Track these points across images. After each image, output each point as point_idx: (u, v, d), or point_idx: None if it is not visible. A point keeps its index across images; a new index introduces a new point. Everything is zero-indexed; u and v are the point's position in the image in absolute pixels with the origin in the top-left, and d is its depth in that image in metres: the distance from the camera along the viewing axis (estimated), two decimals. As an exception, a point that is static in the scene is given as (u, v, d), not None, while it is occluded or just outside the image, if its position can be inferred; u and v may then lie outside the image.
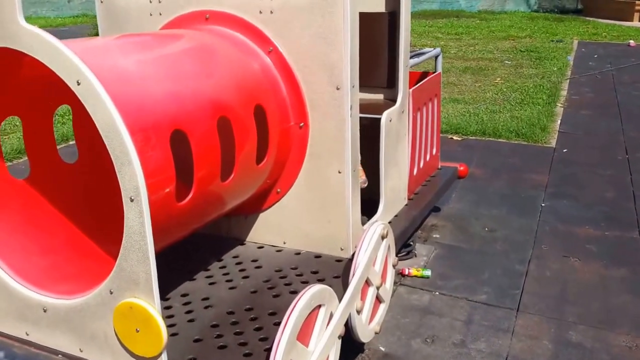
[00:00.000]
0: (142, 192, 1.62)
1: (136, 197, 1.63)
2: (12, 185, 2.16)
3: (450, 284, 3.22)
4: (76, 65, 1.59)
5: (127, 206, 1.65)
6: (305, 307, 1.87)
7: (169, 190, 1.85)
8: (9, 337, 2.04)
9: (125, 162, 1.61)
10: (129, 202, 1.64)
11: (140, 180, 1.61)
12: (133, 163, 1.60)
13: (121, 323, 1.77)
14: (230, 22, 2.48)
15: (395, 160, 3.00)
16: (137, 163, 1.60)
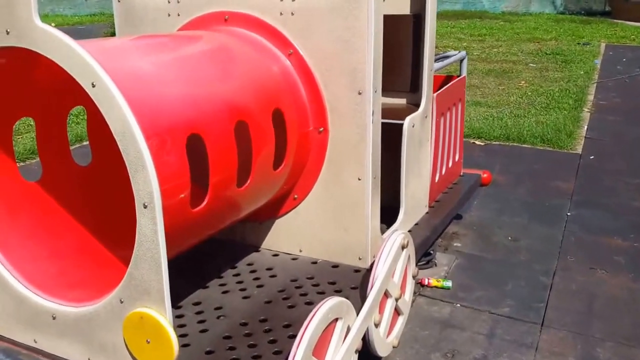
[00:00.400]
0: (156, 199, 1.58)
1: (150, 203, 1.59)
2: (24, 188, 2.14)
3: (472, 296, 3.14)
4: (91, 66, 1.55)
5: (140, 212, 1.61)
6: (322, 320, 1.82)
7: (184, 196, 1.80)
8: (17, 344, 2.01)
9: (140, 167, 1.57)
10: (142, 209, 1.60)
11: (154, 186, 1.57)
12: (147, 168, 1.56)
13: (131, 333, 1.73)
14: (250, 23, 2.44)
15: (417, 167, 2.93)
16: (151, 168, 1.56)
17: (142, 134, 1.59)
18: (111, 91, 1.54)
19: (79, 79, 1.57)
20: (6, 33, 1.64)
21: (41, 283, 1.97)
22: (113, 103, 1.55)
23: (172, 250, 1.95)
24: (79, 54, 1.55)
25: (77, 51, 1.55)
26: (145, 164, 1.55)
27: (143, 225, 1.62)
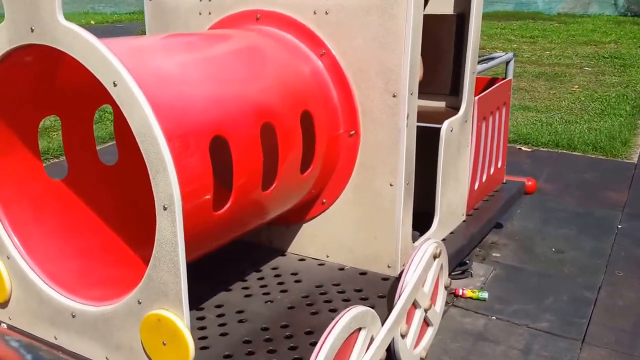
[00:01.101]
0: (176, 201, 1.58)
1: (170, 205, 1.59)
2: (49, 186, 2.19)
3: (508, 309, 3.05)
4: (113, 65, 1.56)
5: (160, 214, 1.62)
6: (344, 330, 1.79)
7: (206, 198, 1.80)
8: (39, 339, 2.05)
9: (160, 169, 1.57)
10: (162, 211, 1.61)
11: (174, 189, 1.57)
12: (168, 170, 1.56)
13: (148, 335, 1.74)
14: (282, 22, 2.43)
15: (455, 173, 2.86)
16: (172, 170, 1.57)
17: (164, 135, 1.60)
18: (132, 91, 1.55)
19: (101, 78, 1.59)
20: (31, 30, 1.68)
21: (63, 281, 2.01)
22: (134, 103, 1.56)
23: (194, 252, 1.96)
24: (101, 52, 1.57)
25: (99, 49, 1.57)
26: (166, 166, 1.56)
27: (162, 227, 1.62)
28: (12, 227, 2.04)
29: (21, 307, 2.07)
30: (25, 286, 2.02)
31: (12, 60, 1.82)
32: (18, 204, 2.08)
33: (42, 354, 1.99)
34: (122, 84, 1.56)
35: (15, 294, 2.07)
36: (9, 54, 1.78)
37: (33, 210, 2.12)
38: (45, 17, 1.64)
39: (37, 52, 1.69)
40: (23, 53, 1.79)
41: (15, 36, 1.73)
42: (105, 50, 1.57)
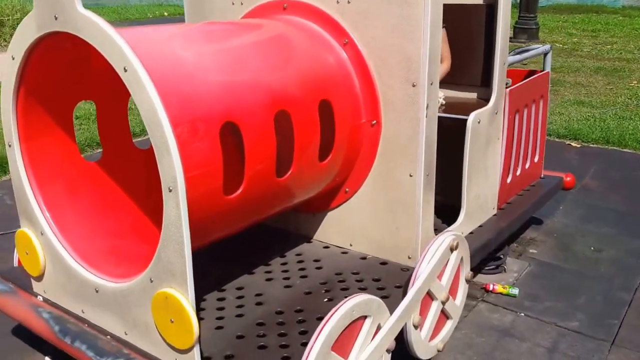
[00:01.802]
0: (180, 183, 1.60)
1: (174, 187, 1.61)
2: (83, 168, 2.26)
3: (539, 306, 2.93)
4: (123, 51, 1.59)
5: (166, 196, 1.64)
6: (344, 317, 1.76)
7: (216, 183, 1.81)
8: (68, 312, 2.13)
9: (165, 152, 1.59)
10: (168, 192, 1.63)
11: (178, 171, 1.59)
12: (172, 153, 1.58)
13: (158, 312, 1.77)
14: (307, 12, 2.41)
15: (483, 166, 2.77)
16: (175, 154, 1.58)
17: (172, 120, 1.62)
18: (140, 77, 1.57)
19: (113, 63, 1.62)
20: (55, 18, 1.73)
21: (90, 258, 2.07)
22: (142, 88, 1.58)
23: (207, 235, 1.98)
24: (113, 39, 1.60)
25: (111, 36, 1.60)
26: (170, 149, 1.57)
27: (168, 208, 1.65)
28: (46, 206, 2.12)
29: (53, 281, 2.16)
30: (56, 261, 2.10)
31: (44, 46, 1.88)
32: (53, 184, 2.15)
33: (70, 326, 2.07)
34: (132, 69, 1.58)
35: (48, 269, 2.15)
36: (39, 40, 1.85)
37: (67, 190, 2.19)
38: (66, 6, 1.69)
39: (68, 39, 1.74)
40: (54, 40, 1.84)
41: (42, 24, 1.79)
42: (117, 37, 1.60)
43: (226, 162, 1.92)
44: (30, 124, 2.06)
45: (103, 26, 1.62)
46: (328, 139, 2.26)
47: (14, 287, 2.32)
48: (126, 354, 1.89)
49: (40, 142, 2.12)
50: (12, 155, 2.08)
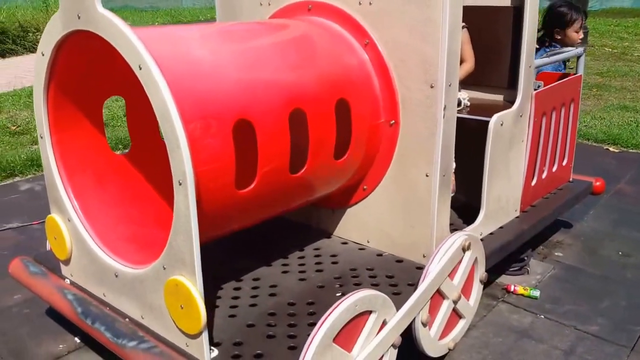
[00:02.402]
0: (189, 177, 1.63)
1: (184, 181, 1.65)
2: (111, 159, 2.33)
3: (559, 309, 2.85)
4: (138, 50, 1.64)
5: (176, 189, 1.68)
6: (347, 311, 1.76)
7: (228, 177, 1.84)
8: (91, 295, 2.21)
9: (175, 147, 1.63)
10: (178, 186, 1.67)
11: (187, 166, 1.62)
12: (181, 148, 1.62)
13: (169, 298, 1.82)
14: (330, 13, 2.41)
15: (506, 168, 2.71)
16: (185, 149, 1.62)
17: (184, 117, 1.66)
18: (153, 74, 1.61)
19: (129, 61, 1.67)
20: (78, 17, 1.79)
21: (113, 245, 2.14)
22: (155, 86, 1.62)
23: (221, 227, 2.01)
24: (129, 38, 1.64)
25: (127, 35, 1.65)
26: (180, 144, 1.61)
27: (178, 200, 1.68)
28: (74, 194, 2.20)
29: (78, 265, 2.24)
30: (81, 247, 2.18)
31: (70, 43, 1.95)
32: (81, 174, 2.23)
33: (91, 308, 2.14)
34: (146, 67, 1.62)
35: (74, 253, 2.23)
36: (65, 38, 1.92)
37: (95, 180, 2.27)
38: (87, 6, 1.75)
39: (94, 38, 1.79)
40: (80, 37, 1.91)
41: (66, 22, 1.85)
42: (132, 36, 1.64)
43: (243, 157, 1.96)
44: (60, 116, 2.14)
45: (120, 25, 1.67)
46: (346, 138, 2.26)
47: (45, 270, 2.42)
48: (141, 337, 1.95)
49: (70, 134, 2.20)
50: (43, 146, 2.17)
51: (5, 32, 10.56)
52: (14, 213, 3.99)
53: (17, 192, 4.41)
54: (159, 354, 1.86)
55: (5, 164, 4.70)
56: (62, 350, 2.53)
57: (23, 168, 4.75)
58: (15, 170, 4.71)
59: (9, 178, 4.68)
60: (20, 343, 2.58)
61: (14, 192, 4.42)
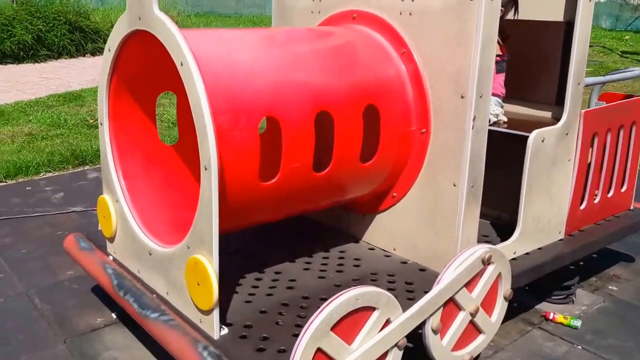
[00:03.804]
0: (213, 164, 1.92)
1: (209, 167, 1.93)
2: (160, 148, 2.67)
3: (601, 342, 2.89)
4: (181, 48, 1.95)
5: (203, 174, 1.97)
6: (347, 302, 1.97)
7: (252, 168, 2.11)
8: (128, 271, 2.55)
9: (204, 137, 1.92)
10: (204, 171, 1.96)
11: (212, 154, 1.91)
12: (208, 138, 1.90)
13: (189, 275, 2.11)
14: (373, 22, 2.65)
15: (548, 187, 2.81)
16: (212, 138, 1.90)
17: (216, 110, 1.95)
18: (192, 71, 1.92)
19: (174, 58, 1.98)
20: (139, 19, 2.14)
21: (152, 226, 2.47)
22: (192, 81, 1.92)
23: (244, 216, 2.29)
24: (175, 37, 1.96)
25: (174, 35, 1.96)
26: (207, 134, 1.90)
27: (204, 184, 1.97)
28: (124, 177, 2.56)
29: (120, 242, 2.59)
30: (124, 226, 2.53)
31: (133, 41, 2.31)
32: (132, 159, 2.59)
33: (126, 282, 2.48)
34: (186, 64, 1.93)
35: (118, 232, 2.59)
36: (129, 36, 2.28)
37: (143, 166, 2.62)
38: (146, 8, 2.09)
39: (153, 37, 2.13)
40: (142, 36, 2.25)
41: (130, 22, 2.21)
42: (178, 36, 1.96)
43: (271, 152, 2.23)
44: (118, 106, 2.51)
45: (169, 26, 1.99)
46: (375, 143, 2.47)
47: (93, 246, 2.80)
48: (163, 310, 2.25)
49: (125, 122, 2.56)
50: (102, 132, 2.55)
51: (98, 31, 11.63)
52: (81, 198, 4.51)
53: (85, 180, 4.96)
54: (175, 327, 2.15)
55: (78, 153, 5.28)
56: (99, 324, 2.90)
57: (93, 158, 5.32)
58: (86, 160, 5.29)
59: (80, 166, 5.26)
60: (65, 313, 2.99)
61: (83, 179, 4.97)
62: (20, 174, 4.91)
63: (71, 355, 2.66)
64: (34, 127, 6.33)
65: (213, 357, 1.98)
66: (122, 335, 2.79)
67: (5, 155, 5.24)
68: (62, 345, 2.73)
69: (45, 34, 10.89)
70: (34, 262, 3.53)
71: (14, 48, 10.45)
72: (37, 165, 5.02)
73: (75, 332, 2.83)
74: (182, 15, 15.64)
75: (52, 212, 4.20)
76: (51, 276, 3.36)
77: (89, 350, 2.70)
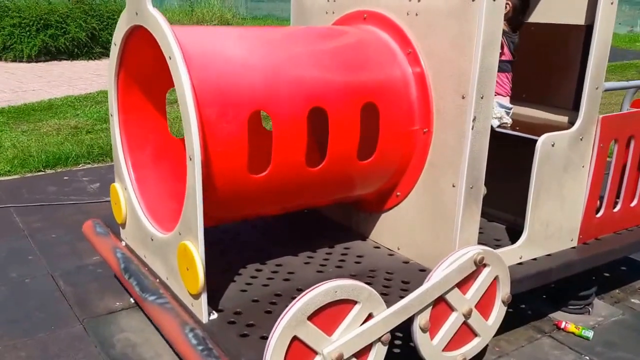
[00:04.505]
0: (197, 154, 2.05)
1: (193, 157, 2.07)
2: (170, 141, 2.84)
3: (611, 354, 2.86)
4: (169, 42, 2.09)
5: (188, 164, 2.11)
6: (325, 293, 2.05)
7: (241, 160, 2.23)
8: (136, 255, 2.72)
9: (188, 128, 2.05)
10: (189, 161, 2.09)
11: (195, 144, 2.04)
12: (192, 129, 2.04)
13: (180, 260, 2.25)
14: (382, 22, 2.73)
15: (558, 193, 2.81)
16: (195, 130, 2.03)
17: (203, 102, 2.09)
18: (178, 65, 2.06)
19: (164, 52, 2.13)
20: (136, 14, 2.31)
21: (157, 214, 2.63)
22: (177, 74, 2.06)
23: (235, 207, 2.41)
24: (165, 33, 2.10)
25: (164, 31, 2.11)
26: (191, 125, 2.03)
27: (189, 173, 2.11)
28: (133, 167, 2.73)
29: (130, 229, 2.77)
30: (132, 213, 2.70)
31: (135, 36, 2.48)
32: (142, 150, 2.77)
33: (132, 265, 2.65)
34: (174, 58, 2.07)
35: (128, 219, 2.77)
36: (130, 31, 2.44)
37: (152, 157, 2.79)
38: (142, 4, 2.25)
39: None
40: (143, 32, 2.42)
41: (129, 18, 2.38)
42: (167, 31, 2.10)
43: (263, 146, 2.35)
44: (127, 99, 2.69)
45: (161, 22, 2.14)
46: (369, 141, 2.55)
47: (108, 232, 2.99)
48: (161, 294, 2.40)
49: (135, 115, 2.73)
50: (112, 123, 2.73)
51: (153, 31, 12.14)
52: (114, 189, 4.76)
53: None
54: (169, 310, 2.30)
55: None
56: (117, 307, 3.10)
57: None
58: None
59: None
60: (86, 296, 3.20)
61: (119, 171, 5.24)
62: (60, 164, 5.23)
63: (87, 335, 2.86)
64: (81, 121, 6.70)
65: (198, 339, 2.11)
66: (138, 319, 2.98)
67: (48, 147, 5.58)
68: (79, 325, 2.94)
69: (99, 32, 11.46)
70: (62, 246, 3.78)
71: (68, 45, 11.06)
72: (77, 157, 5.33)
73: (94, 314, 3.04)
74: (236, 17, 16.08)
75: (86, 201, 4.46)
76: (77, 260, 3.60)
77: (104, 331, 2.89)
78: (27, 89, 8.56)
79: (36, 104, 7.45)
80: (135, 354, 2.73)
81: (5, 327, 2.90)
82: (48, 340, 2.81)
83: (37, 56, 11.12)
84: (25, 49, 11.01)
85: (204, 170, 2.16)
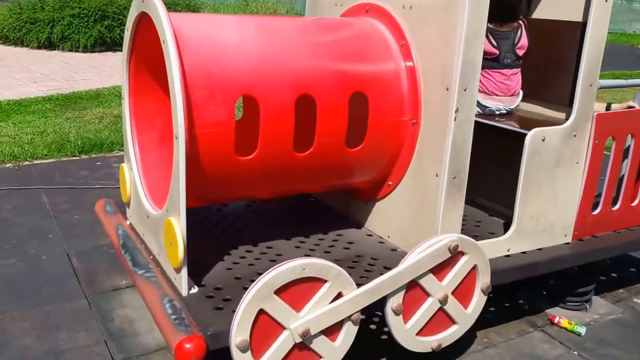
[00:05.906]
0: (181, 134, 2.20)
1: (178, 136, 2.22)
2: (173, 125, 3.01)
3: (600, 350, 2.87)
4: (164, 28, 2.25)
5: (175, 142, 2.26)
6: (292, 270, 2.17)
7: (227, 141, 2.37)
8: (136, 233, 2.90)
9: (176, 109, 2.21)
10: (175, 139, 2.25)
11: (180, 123, 2.19)
12: (178, 109, 2.19)
13: (166, 235, 2.41)
14: (381, 14, 2.82)
15: (549, 188, 2.83)
16: (181, 110, 2.18)
17: (193, 85, 2.23)
18: (169, 48, 2.21)
19: (160, 37, 2.28)
20: (142, 1, 2.47)
21: (156, 195, 2.80)
22: (170, 58, 2.22)
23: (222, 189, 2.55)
24: (161, 18, 2.26)
25: (160, 16, 2.26)
26: (177, 106, 2.18)
27: (175, 152, 2.26)
28: (139, 148, 2.91)
29: (133, 208, 2.95)
30: (135, 193, 2.88)
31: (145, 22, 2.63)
32: (149, 132, 2.94)
33: (129, 242, 2.83)
34: (167, 42, 2.23)
35: (132, 198, 2.95)
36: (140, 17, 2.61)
37: (158, 140, 2.96)
38: None
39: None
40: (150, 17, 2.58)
41: (138, 5, 2.55)
42: (163, 17, 2.26)
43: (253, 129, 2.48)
44: (138, 83, 2.87)
45: (159, 8, 2.29)
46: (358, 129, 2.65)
47: (117, 211, 3.19)
48: (150, 269, 2.57)
49: (145, 98, 2.91)
50: (124, 106, 2.92)
51: (207, 24, 12.54)
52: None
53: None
54: (153, 283, 2.46)
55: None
56: (122, 285, 3.31)
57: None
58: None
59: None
60: (95, 274, 3.43)
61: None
62: (95, 150, 5.52)
63: (89, 310, 3.07)
64: (123, 110, 7.02)
65: (174, 309, 2.26)
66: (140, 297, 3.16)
67: (87, 133, 5.90)
68: (84, 300, 3.15)
69: (154, 24, 11.85)
70: (82, 227, 4.03)
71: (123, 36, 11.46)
72: (112, 144, 5.61)
73: (99, 290, 3.25)
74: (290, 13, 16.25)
75: (113, 186, 4.71)
76: (93, 241, 3.83)
77: (106, 306, 3.10)
78: (79, 78, 8.98)
79: (84, 93, 7.82)
80: (131, 328, 2.92)
81: (15, 299, 3.14)
82: (52, 312, 3.03)
83: (92, 46, 11.55)
84: (82, 39, 11.45)
85: (192, 151, 2.30)
